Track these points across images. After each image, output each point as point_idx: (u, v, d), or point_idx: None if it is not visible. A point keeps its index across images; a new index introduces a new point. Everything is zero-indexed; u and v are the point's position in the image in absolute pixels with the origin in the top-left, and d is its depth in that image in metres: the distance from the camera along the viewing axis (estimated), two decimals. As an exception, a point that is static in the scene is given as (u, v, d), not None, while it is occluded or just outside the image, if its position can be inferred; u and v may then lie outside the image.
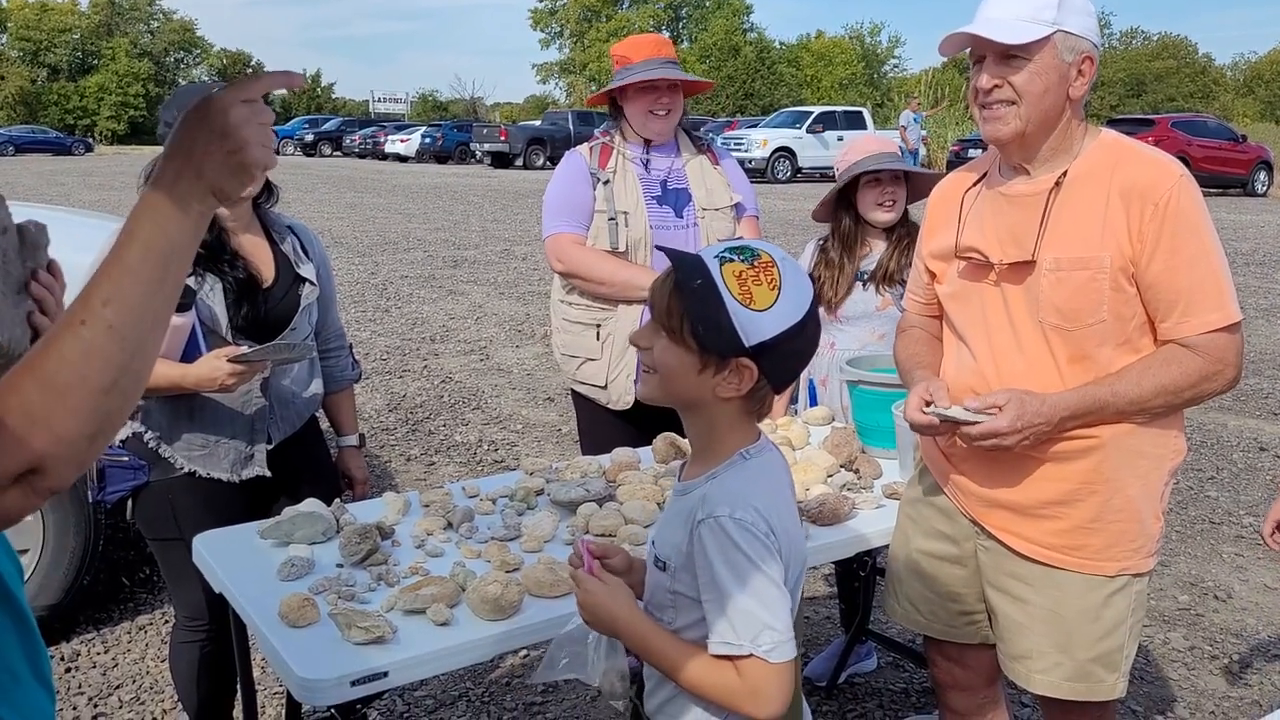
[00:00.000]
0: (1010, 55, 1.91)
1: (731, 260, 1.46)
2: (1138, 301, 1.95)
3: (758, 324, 1.44)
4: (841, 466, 2.74)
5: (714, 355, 1.46)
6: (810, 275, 3.19)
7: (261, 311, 2.49)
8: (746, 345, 1.44)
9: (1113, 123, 20.84)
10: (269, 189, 2.58)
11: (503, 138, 33.22)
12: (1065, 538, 2.03)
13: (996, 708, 2.37)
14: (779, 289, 1.44)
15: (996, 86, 1.94)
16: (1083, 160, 1.99)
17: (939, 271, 2.20)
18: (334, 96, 76.62)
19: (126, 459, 2.45)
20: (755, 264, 1.46)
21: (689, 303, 1.47)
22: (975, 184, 2.16)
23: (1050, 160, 2.01)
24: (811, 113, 28.28)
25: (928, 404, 2.03)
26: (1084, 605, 2.04)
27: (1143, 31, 69.52)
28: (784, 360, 1.49)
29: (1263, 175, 23.70)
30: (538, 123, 36.67)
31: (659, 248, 1.65)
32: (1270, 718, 1.63)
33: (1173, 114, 29.24)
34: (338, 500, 2.39)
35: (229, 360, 2.31)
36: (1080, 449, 1.99)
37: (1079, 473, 2.00)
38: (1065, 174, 1.99)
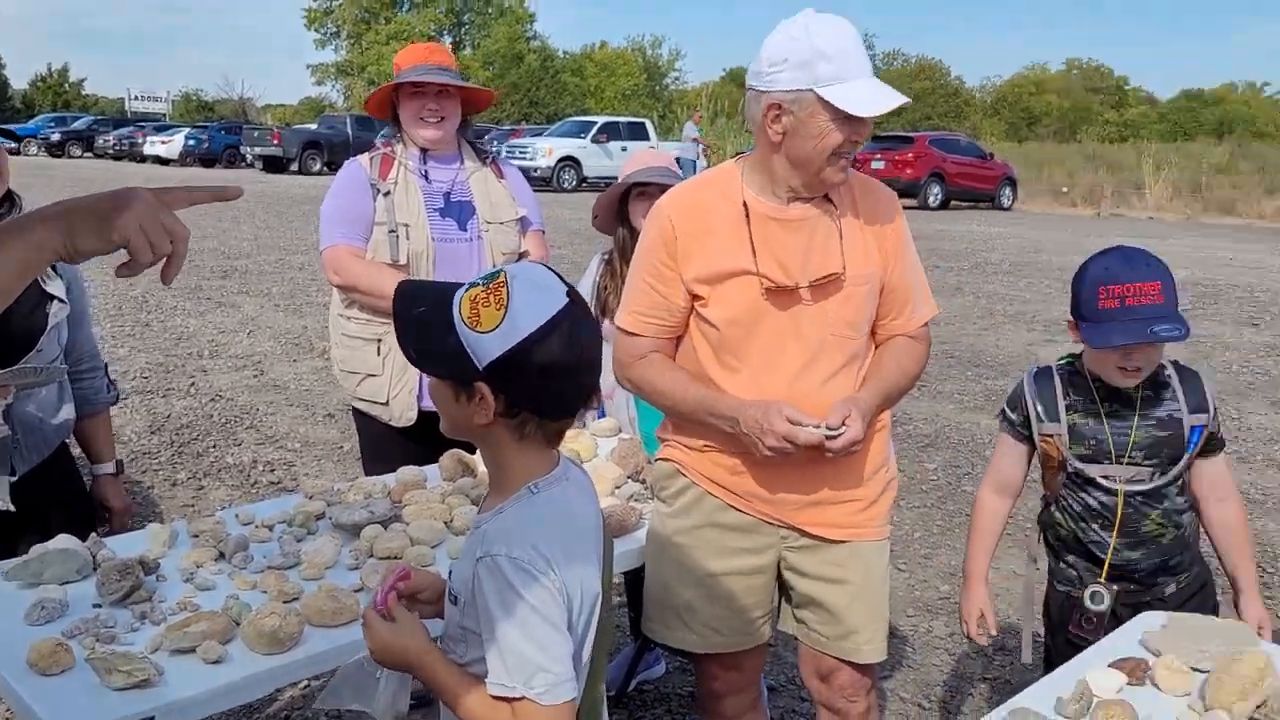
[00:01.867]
0: None
1: (475, 285, 1.47)
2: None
3: (483, 345, 1.42)
4: (629, 477, 2.78)
5: (458, 382, 1.47)
6: (597, 287, 3.23)
7: (3, 332, 2.28)
8: (479, 368, 1.42)
9: (876, 139, 22.07)
10: (11, 199, 2.37)
11: (275, 141, 31.82)
12: (863, 514, 2.27)
13: (759, 702, 2.53)
14: (505, 308, 1.42)
15: None
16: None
17: (706, 294, 2.17)
18: (84, 93, 71.03)
19: None
20: (489, 285, 1.44)
21: (405, 331, 1.50)
22: (740, 209, 2.15)
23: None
24: (596, 122, 28.56)
25: (792, 424, 2.02)
26: (880, 571, 2.33)
27: (903, 54, 74.30)
28: (533, 381, 1.43)
29: (1008, 190, 25.67)
30: (314, 126, 35.35)
31: (401, 284, 1.62)
32: (995, 714, 1.76)
33: (930, 131, 31.31)
34: (94, 534, 2.22)
35: (-36, 386, 2.11)
36: (873, 432, 2.22)
37: (874, 454, 2.27)
38: (827, 197, 2.18)
